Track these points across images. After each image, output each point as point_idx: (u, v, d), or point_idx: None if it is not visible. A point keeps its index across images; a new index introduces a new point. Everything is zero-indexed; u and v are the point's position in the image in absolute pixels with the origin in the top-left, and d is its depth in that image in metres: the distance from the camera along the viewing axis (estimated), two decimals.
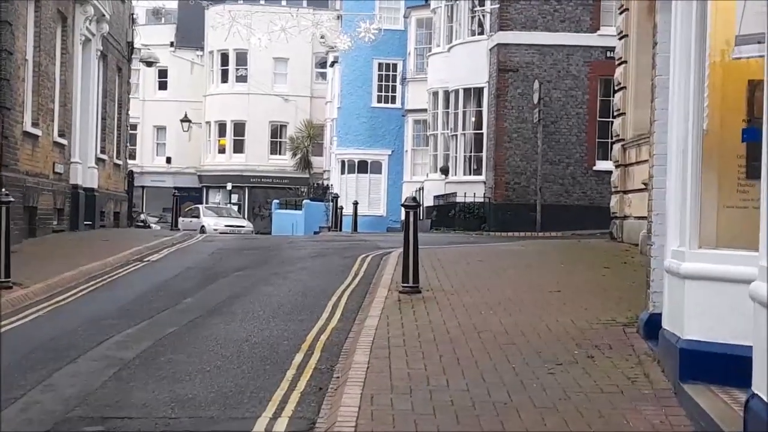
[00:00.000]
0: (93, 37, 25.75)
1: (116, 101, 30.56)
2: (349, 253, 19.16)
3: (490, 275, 14.31)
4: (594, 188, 29.50)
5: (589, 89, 29.64)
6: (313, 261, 17.69)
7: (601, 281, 13.54)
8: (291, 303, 12.43)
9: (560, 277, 14.07)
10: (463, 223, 30.01)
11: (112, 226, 29.36)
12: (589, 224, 27.54)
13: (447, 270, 15.06)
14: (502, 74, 29.86)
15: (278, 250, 20.17)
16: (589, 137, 29.69)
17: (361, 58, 44.75)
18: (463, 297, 12.04)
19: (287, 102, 57.03)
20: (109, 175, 29.41)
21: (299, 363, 8.83)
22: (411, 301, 11.86)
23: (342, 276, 15.12)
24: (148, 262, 17.64)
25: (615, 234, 20.31)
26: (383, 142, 45.30)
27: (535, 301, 11.64)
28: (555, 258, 17.04)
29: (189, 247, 21.51)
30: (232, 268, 16.27)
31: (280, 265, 17.12)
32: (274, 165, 57.69)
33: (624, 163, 19.87)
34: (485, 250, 18.99)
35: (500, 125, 29.96)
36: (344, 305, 12.21)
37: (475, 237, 27.02)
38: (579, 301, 11.61)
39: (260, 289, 13.68)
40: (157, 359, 8.99)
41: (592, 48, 29.51)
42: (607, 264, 15.71)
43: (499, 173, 29.86)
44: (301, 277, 15.19)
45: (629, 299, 11.62)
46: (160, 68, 60.54)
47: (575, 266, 15.52)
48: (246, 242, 23.39)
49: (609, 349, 8.96)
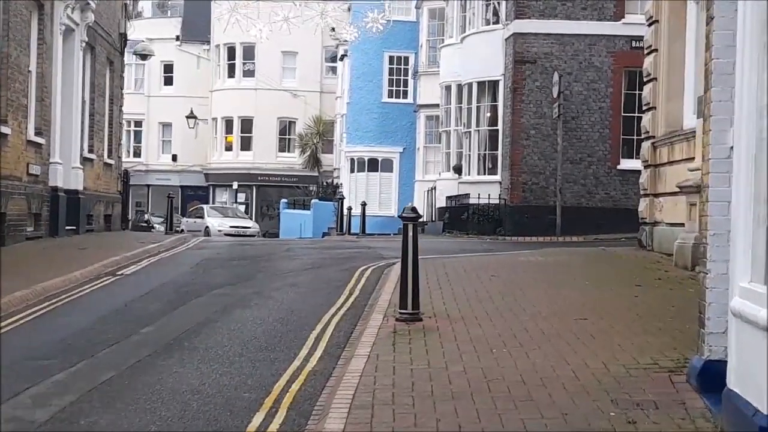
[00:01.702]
0: (77, 27, 23.84)
1: (107, 96, 28.73)
2: (348, 264, 17.23)
3: (504, 296, 12.32)
4: (618, 189, 27.58)
5: (613, 82, 27.66)
6: (305, 275, 15.75)
7: (635, 304, 11.54)
8: (267, 334, 10.47)
9: (586, 298, 12.08)
10: (477, 226, 28.08)
11: (103, 229, 27.60)
12: (614, 228, 25.84)
13: (455, 288, 13.11)
14: (519, 66, 27.84)
15: (270, 261, 18.25)
16: (612, 134, 27.70)
17: (371, 51, 42.77)
18: (471, 327, 10.08)
19: (296, 97, 55.07)
20: (99, 176, 27.57)
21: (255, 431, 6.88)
22: (408, 332, 9.91)
23: (334, 295, 13.20)
24: (121, 276, 15.72)
25: (644, 242, 18.33)
26: (394, 139, 43.26)
27: (558, 334, 9.66)
28: (578, 272, 15.03)
29: (174, 256, 19.62)
30: (211, 285, 14.33)
31: (267, 280, 15.19)
32: (283, 163, 55.73)
33: (654, 163, 17.95)
34: (499, 261, 17.01)
35: (517, 121, 27.97)
36: (329, 337, 10.26)
37: (489, 243, 25.08)
38: (611, 334, 9.63)
39: (235, 314, 11.73)
40: (75, 422, 7.04)
41: (616, 37, 27.54)
42: (638, 280, 13.72)
43: (516, 173, 27.87)
44: (286, 296, 13.24)
45: (671, 331, 9.64)
46: (166, 63, 58.84)
47: (602, 283, 13.52)
48: (239, 250, 21.48)
49: (654, 409, 6.98)
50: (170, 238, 24.79)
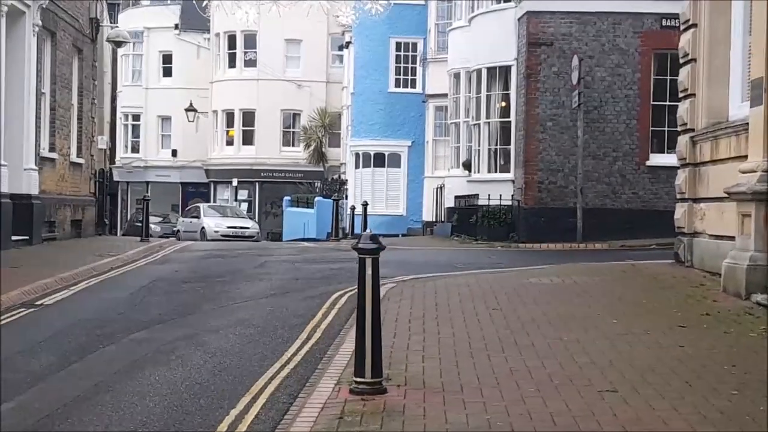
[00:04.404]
0: (27, 9, 20.90)
1: (75, 88, 25.86)
2: (323, 287, 14.27)
3: (505, 345, 9.29)
4: (647, 188, 24.57)
5: (641, 66, 24.61)
6: (263, 306, 12.75)
7: (680, 361, 8.49)
8: (164, 417, 7.47)
9: (613, 350, 9.03)
10: (487, 231, 25.09)
11: (70, 236, 24.80)
12: (642, 232, 23.07)
13: (442, 329, 10.14)
14: (533, 49, 24.80)
15: (231, 283, 15.26)
16: (641, 125, 24.64)
17: (377, 37, 39.62)
18: (453, 406, 7.08)
19: (300, 88, 51.94)
20: (63, 177, 24.68)
21: None
22: (361, 416, 6.93)
23: (287, 340, 10.26)
24: (38, 307, 12.76)
25: (681, 256, 15.27)
26: (402, 132, 40.09)
27: (575, 419, 6.63)
28: (602, 302, 11.97)
29: (123, 275, 16.72)
30: (137, 324, 11.35)
31: (212, 313, 12.21)
32: (287, 157, 52.61)
33: (694, 161, 14.94)
34: (505, 283, 13.94)
35: (531, 112, 24.91)
36: (251, 422, 7.28)
37: (500, 252, 22.11)
38: (649, 422, 6.58)
39: (140, 377, 8.72)
40: None
41: (644, 15, 24.53)
42: (681, 316, 10.69)
43: (531, 170, 24.80)
44: (224, 343, 10.23)
45: (739, 416, 6.58)
46: (165, 53, 55.99)
47: (633, 322, 10.44)
48: (206, 265, 18.56)
49: None
50: (138, 248, 21.97)
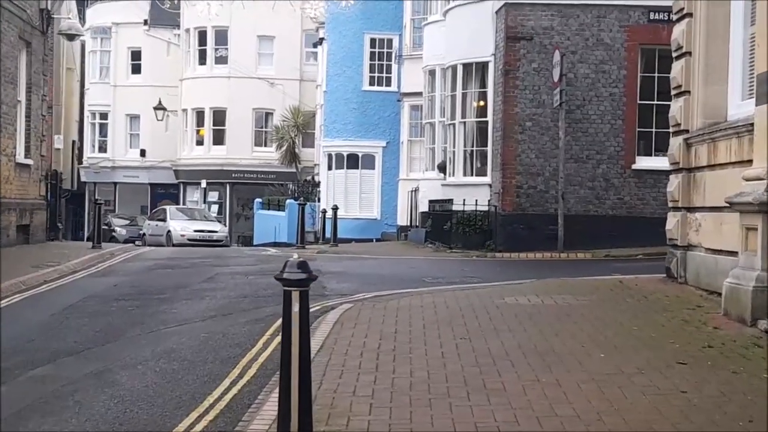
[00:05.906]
0: None
1: (22, 84, 24.27)
2: (272, 306, 12.65)
3: (472, 389, 7.68)
4: (633, 193, 23.11)
5: (627, 62, 23.14)
6: (197, 332, 11.12)
7: (683, 415, 6.91)
8: None
9: (601, 396, 7.44)
10: (462, 238, 23.54)
11: (16, 243, 23.22)
12: (628, 241, 21.72)
13: (398, 368, 8.51)
14: (512, 44, 23.28)
15: (169, 302, 13.61)
16: (627, 126, 23.19)
17: (350, 33, 38.05)
18: None
19: (273, 86, 50.25)
20: (8, 179, 23.07)
21: None
22: None
23: (214, 378, 8.68)
24: None
25: (675, 271, 13.75)
26: (376, 132, 38.50)
27: None
28: (587, 330, 10.37)
29: (53, 291, 15.10)
30: (44, 356, 9.72)
31: (137, 341, 10.58)
32: (259, 158, 50.93)
33: (688, 166, 13.47)
34: (478, 303, 12.32)
35: (509, 111, 23.38)
36: None
37: (474, 263, 20.59)
38: None
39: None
40: None
41: (631, 8, 23.12)
42: (679, 348, 9.12)
43: (509, 174, 23.25)
44: (137, 384, 8.59)
45: None
46: (133, 49, 54.25)
47: (625, 358, 8.84)
48: (149, 278, 16.97)
49: None
50: (85, 257, 20.42)
